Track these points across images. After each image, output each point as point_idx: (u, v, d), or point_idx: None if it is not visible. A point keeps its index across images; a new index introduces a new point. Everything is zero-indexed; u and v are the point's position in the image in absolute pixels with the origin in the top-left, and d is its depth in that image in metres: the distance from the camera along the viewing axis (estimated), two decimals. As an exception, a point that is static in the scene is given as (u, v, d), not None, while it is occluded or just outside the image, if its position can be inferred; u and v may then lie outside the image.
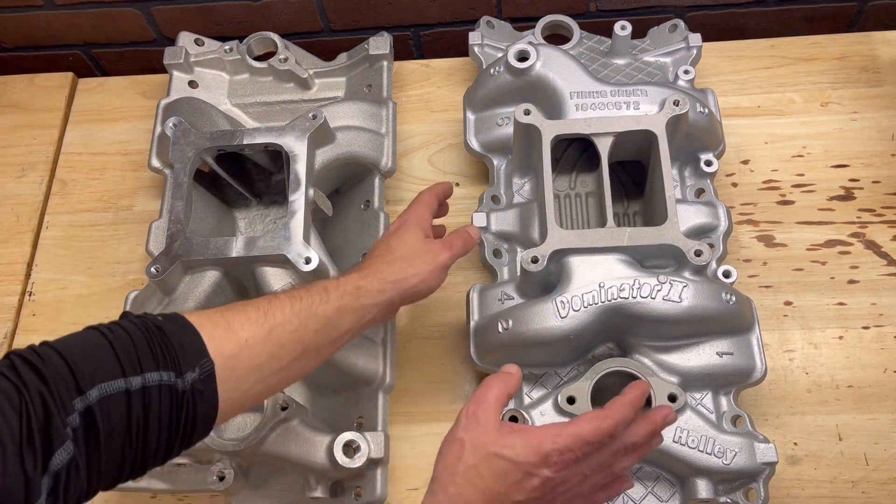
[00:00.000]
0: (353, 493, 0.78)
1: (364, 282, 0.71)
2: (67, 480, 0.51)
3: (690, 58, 0.97)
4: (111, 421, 0.53)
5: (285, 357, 0.65)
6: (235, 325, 0.62)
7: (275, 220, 0.94)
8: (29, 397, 0.50)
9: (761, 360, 0.79)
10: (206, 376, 0.58)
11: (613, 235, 0.79)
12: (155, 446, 0.57)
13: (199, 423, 0.59)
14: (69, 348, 0.54)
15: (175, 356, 0.57)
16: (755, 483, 0.75)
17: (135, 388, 0.54)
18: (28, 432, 0.48)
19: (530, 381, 0.81)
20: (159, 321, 0.59)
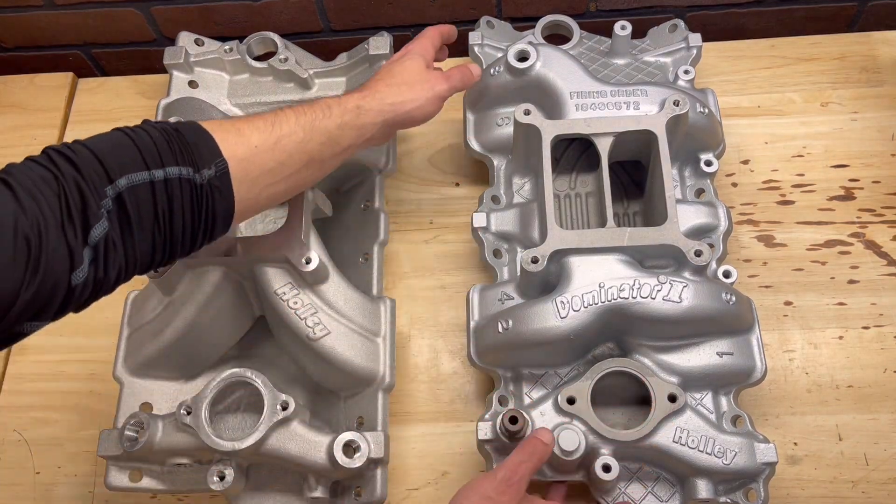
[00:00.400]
0: (353, 493, 0.78)
1: (364, 101, 0.76)
2: (106, 253, 0.58)
3: (690, 58, 0.97)
4: (139, 207, 0.60)
5: (292, 165, 0.70)
6: (246, 132, 0.68)
7: (275, 220, 0.93)
8: (65, 182, 0.56)
9: (761, 360, 0.79)
10: (222, 174, 0.64)
11: (613, 235, 0.79)
12: (181, 235, 0.64)
13: (218, 217, 0.66)
14: (97, 144, 0.61)
15: (192, 154, 0.63)
16: (755, 483, 0.75)
17: (158, 180, 0.61)
18: (67, 210, 0.56)
19: (530, 381, 0.81)
20: (176, 125, 0.65)
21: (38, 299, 0.55)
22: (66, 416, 0.91)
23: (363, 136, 0.76)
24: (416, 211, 1.00)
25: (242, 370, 0.76)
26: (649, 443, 0.74)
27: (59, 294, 0.56)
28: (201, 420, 0.73)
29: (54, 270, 0.55)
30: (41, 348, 0.95)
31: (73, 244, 0.56)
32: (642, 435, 0.73)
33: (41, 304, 0.55)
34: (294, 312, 0.79)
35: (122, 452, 0.76)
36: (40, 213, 0.54)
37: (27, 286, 0.53)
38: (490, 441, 0.76)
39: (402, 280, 0.96)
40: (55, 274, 0.55)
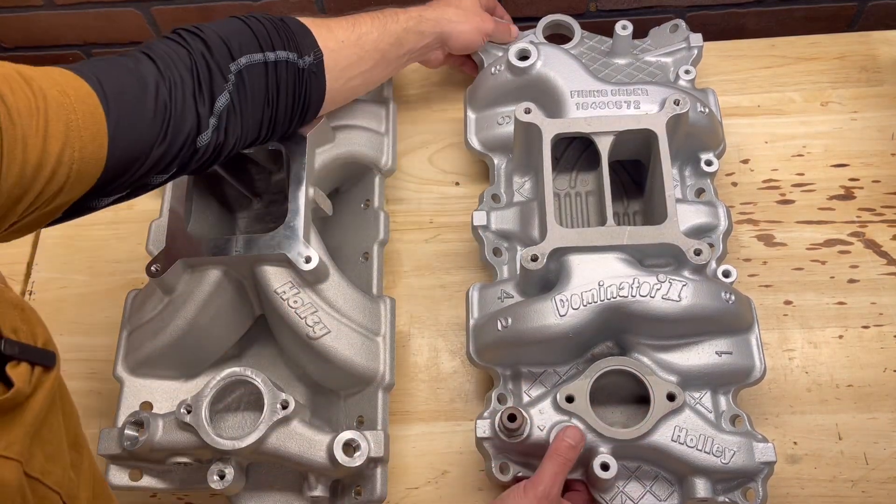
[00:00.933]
0: (353, 492, 0.78)
1: (425, 13, 0.89)
2: (228, 121, 0.69)
3: (691, 58, 0.97)
4: (254, 84, 0.71)
5: (368, 61, 0.82)
6: (334, 28, 0.79)
7: (275, 219, 0.94)
8: (196, 58, 0.67)
9: (760, 359, 0.79)
10: (318, 62, 0.76)
11: (613, 234, 0.79)
12: (283, 112, 0.75)
13: (313, 101, 0.78)
14: (222, 27, 0.71)
15: (296, 42, 0.75)
16: (753, 483, 0.75)
17: (270, 61, 0.72)
18: (198, 82, 0.66)
19: (529, 379, 0.81)
20: (280, 17, 0.76)
21: (166, 156, 0.64)
22: (66, 416, 0.91)
23: (421, 42, 0.88)
24: (416, 211, 1.00)
25: (242, 369, 0.76)
26: (647, 441, 0.74)
27: (185, 152, 0.66)
28: (201, 419, 0.73)
29: (184, 132, 0.65)
30: (41, 348, 0.95)
31: (201, 112, 0.66)
32: (641, 433, 0.73)
33: (169, 160, 0.65)
34: (294, 311, 0.79)
35: (122, 451, 0.76)
36: (176, 82, 0.64)
37: (160, 143, 0.63)
38: (488, 439, 0.76)
39: (402, 279, 0.96)
40: (184, 135, 0.65)
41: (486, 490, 0.84)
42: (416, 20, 0.87)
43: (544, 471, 0.71)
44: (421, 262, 0.97)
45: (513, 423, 0.73)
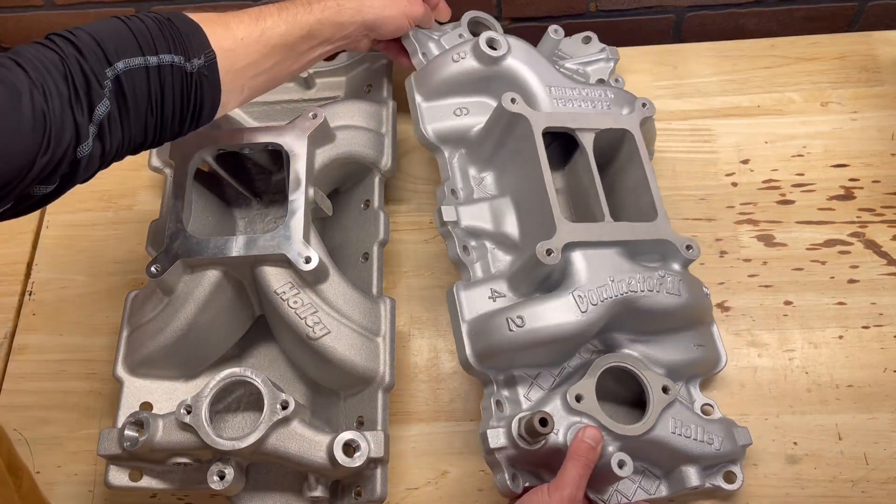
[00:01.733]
0: (352, 492, 0.78)
1: (346, 1, 0.82)
2: (109, 129, 0.65)
3: (609, 69, 0.98)
4: (135, 89, 0.66)
5: (274, 57, 0.76)
6: (232, 25, 0.73)
7: (275, 219, 0.94)
8: (70, 64, 0.62)
9: (723, 349, 0.85)
10: (210, 64, 0.70)
11: (618, 230, 0.79)
12: (171, 119, 0.70)
13: (206, 105, 0.72)
14: (96, 29, 0.66)
15: (184, 43, 0.69)
16: (734, 465, 0.78)
17: (152, 65, 0.66)
18: (74, 89, 0.62)
19: (524, 382, 0.79)
20: (169, 15, 0.70)
21: (49, 165, 0.60)
22: (66, 416, 0.91)
23: (341, 33, 0.82)
24: (416, 211, 1.00)
25: (242, 369, 0.76)
26: (652, 436, 0.74)
27: (65, 163, 0.62)
28: (201, 419, 0.73)
29: (64, 142, 0.61)
30: (41, 348, 0.95)
31: (80, 121, 0.62)
32: (647, 428, 0.73)
33: (51, 170, 0.61)
34: (294, 312, 0.79)
35: (121, 451, 0.76)
36: (51, 91, 0.60)
37: (43, 152, 0.59)
38: (502, 449, 0.72)
39: (402, 280, 0.96)
40: (64, 145, 0.61)
41: (486, 490, 0.84)
42: (333, 10, 0.81)
43: (567, 473, 0.69)
44: (421, 263, 0.97)
45: (545, 428, 0.69)
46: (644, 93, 0.94)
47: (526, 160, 0.82)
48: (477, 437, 0.85)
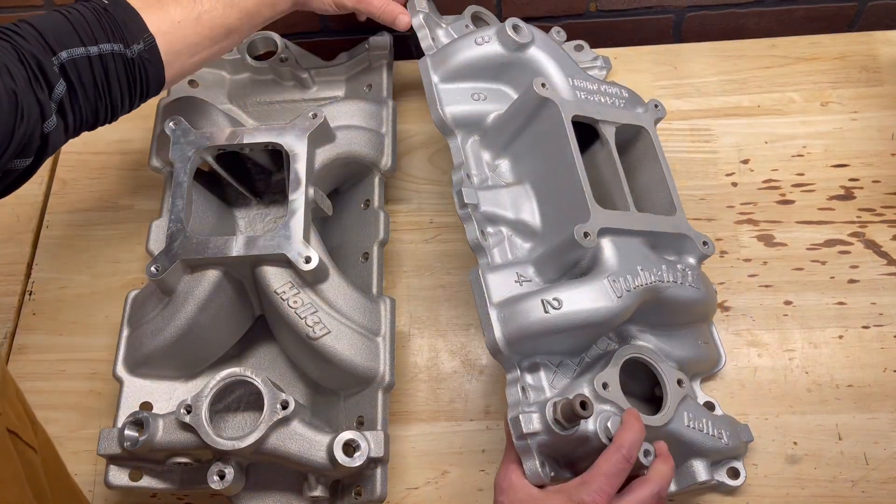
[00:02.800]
0: (353, 492, 0.78)
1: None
2: (70, 108, 0.70)
3: (602, 77, 0.99)
4: (81, 78, 0.70)
5: (214, 38, 0.81)
6: (169, 9, 0.77)
7: (275, 219, 0.94)
8: (23, 51, 0.66)
9: (722, 348, 0.87)
10: (150, 47, 0.75)
11: (643, 220, 0.79)
12: (119, 100, 0.75)
13: (151, 85, 0.78)
14: (39, 22, 0.70)
15: (122, 31, 0.73)
16: (738, 462, 0.80)
17: (94, 55, 0.71)
18: (32, 72, 0.66)
19: (549, 370, 0.76)
20: (105, 4, 0.74)
21: (24, 137, 0.65)
22: (66, 416, 0.91)
23: (276, 9, 0.88)
24: (416, 211, 1.00)
25: (242, 369, 0.76)
26: (670, 428, 0.73)
27: (36, 137, 0.67)
28: (201, 419, 0.73)
29: (31, 117, 0.65)
30: (41, 347, 0.95)
31: (41, 98, 0.66)
32: (667, 420, 0.73)
33: (26, 142, 0.66)
34: (294, 312, 0.79)
35: (121, 451, 0.76)
36: (14, 72, 0.65)
37: (19, 123, 0.64)
38: (535, 434, 0.70)
39: (402, 280, 0.96)
40: (32, 120, 0.66)
41: (486, 490, 0.84)
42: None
43: (604, 464, 0.67)
44: (421, 262, 0.97)
45: (586, 411, 0.67)
46: (644, 93, 0.94)
47: (553, 146, 0.80)
48: (476, 437, 0.86)
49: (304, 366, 0.86)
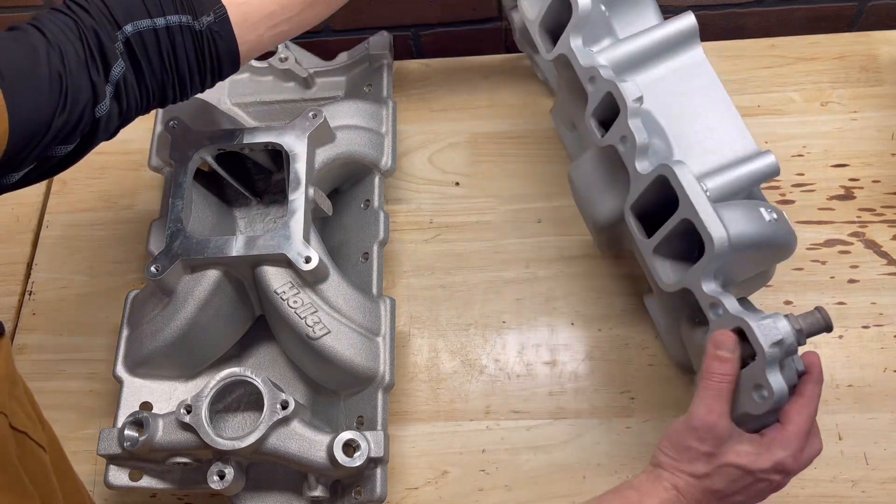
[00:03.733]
0: (352, 492, 0.78)
1: None
2: (126, 90, 0.67)
3: None
4: (147, 51, 0.68)
5: (293, 8, 0.75)
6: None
7: (275, 219, 0.94)
8: (84, 28, 0.65)
9: None
10: (221, 19, 0.71)
11: None
12: (188, 76, 0.71)
13: (224, 60, 0.73)
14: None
15: (191, 2, 0.69)
16: None
17: (160, 27, 0.68)
18: (90, 51, 0.64)
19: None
20: None
21: (67, 125, 0.63)
22: (66, 416, 0.91)
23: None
24: (416, 211, 1.00)
25: (242, 369, 0.76)
26: None
27: (84, 122, 0.64)
28: (201, 419, 0.73)
29: (81, 101, 0.63)
30: (41, 347, 0.95)
31: (96, 80, 0.64)
32: None
33: (70, 129, 0.63)
34: (294, 312, 0.79)
35: (121, 451, 0.76)
36: (68, 52, 0.63)
37: (60, 112, 0.62)
38: (781, 342, 0.61)
39: (402, 280, 0.96)
40: (82, 104, 0.63)
41: (486, 490, 0.84)
42: None
43: (698, 397, 0.62)
44: (421, 263, 0.97)
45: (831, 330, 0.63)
46: (644, 93, 0.94)
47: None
48: (476, 437, 0.86)
49: (304, 366, 0.86)
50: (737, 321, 0.63)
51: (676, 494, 0.62)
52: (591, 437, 0.85)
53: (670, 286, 0.70)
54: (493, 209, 0.99)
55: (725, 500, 0.63)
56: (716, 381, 0.62)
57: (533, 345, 0.91)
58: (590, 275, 0.94)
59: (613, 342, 0.90)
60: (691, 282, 0.67)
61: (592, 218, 0.80)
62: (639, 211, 0.73)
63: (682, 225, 0.67)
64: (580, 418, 0.86)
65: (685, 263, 0.70)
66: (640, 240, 0.71)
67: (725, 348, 0.62)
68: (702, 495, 0.62)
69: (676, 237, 0.69)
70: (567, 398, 0.87)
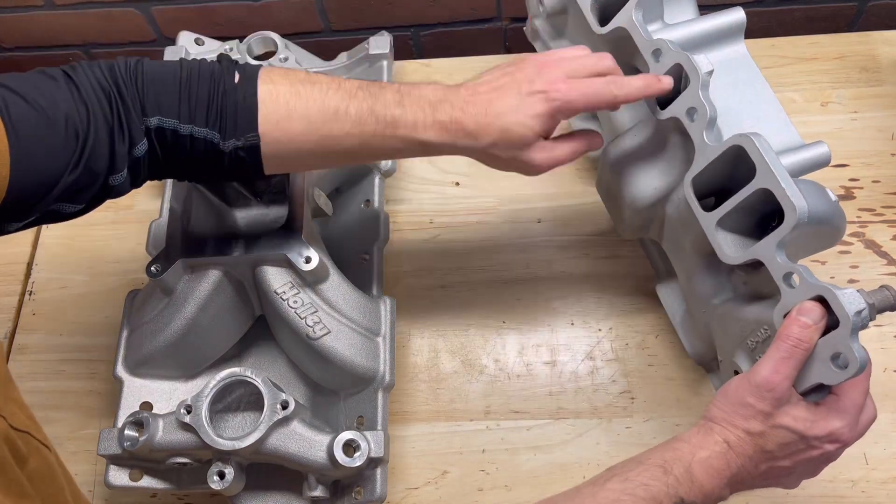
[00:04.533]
0: (353, 492, 0.78)
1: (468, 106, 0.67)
2: (144, 166, 0.65)
3: None
4: (165, 146, 0.65)
5: (325, 159, 0.70)
6: (294, 118, 0.66)
7: (275, 219, 0.93)
8: (116, 97, 0.62)
9: None
10: (250, 147, 0.66)
11: None
12: (206, 177, 0.72)
13: (248, 172, 0.68)
14: (152, 74, 0.64)
15: (225, 123, 0.65)
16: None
17: (184, 133, 0.64)
18: (118, 120, 0.62)
19: None
20: (234, 84, 0.65)
21: (76, 185, 0.60)
22: (66, 416, 0.91)
23: (446, 151, 0.70)
24: (416, 211, 1.00)
25: (242, 369, 0.76)
26: None
27: (97, 187, 0.62)
28: (201, 419, 0.73)
29: (97, 167, 0.61)
30: (41, 347, 0.95)
31: (118, 150, 0.62)
32: None
33: (78, 190, 0.61)
34: (294, 312, 0.79)
35: (121, 451, 0.76)
36: (95, 113, 0.60)
37: (71, 171, 0.59)
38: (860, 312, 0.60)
39: (402, 280, 0.96)
40: (97, 169, 0.61)
41: (486, 490, 0.84)
42: (443, 130, 0.67)
43: (767, 357, 0.61)
44: (421, 263, 0.97)
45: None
46: (644, 93, 0.94)
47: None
48: (476, 437, 0.86)
49: (304, 366, 0.86)
50: (818, 290, 0.61)
51: (727, 448, 0.62)
52: (591, 437, 0.85)
53: (735, 259, 0.69)
54: (493, 209, 0.99)
55: (775, 462, 0.63)
56: (790, 344, 0.61)
57: (533, 345, 0.91)
58: (590, 275, 0.94)
59: (613, 342, 0.90)
60: (764, 252, 0.66)
61: (632, 197, 0.79)
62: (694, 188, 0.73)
63: (749, 199, 0.67)
64: (580, 418, 0.86)
65: (746, 239, 0.70)
66: (700, 214, 0.71)
67: (810, 316, 0.61)
68: (753, 452, 0.62)
69: (738, 212, 0.69)
70: (567, 398, 0.88)
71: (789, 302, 0.63)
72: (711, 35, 0.81)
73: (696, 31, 0.80)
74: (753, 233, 0.70)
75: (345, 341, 0.80)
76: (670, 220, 0.79)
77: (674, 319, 0.88)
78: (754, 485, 0.64)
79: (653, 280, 0.91)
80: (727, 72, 0.80)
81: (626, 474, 0.61)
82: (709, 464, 0.61)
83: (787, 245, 0.65)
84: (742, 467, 0.62)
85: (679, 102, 0.72)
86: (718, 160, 0.69)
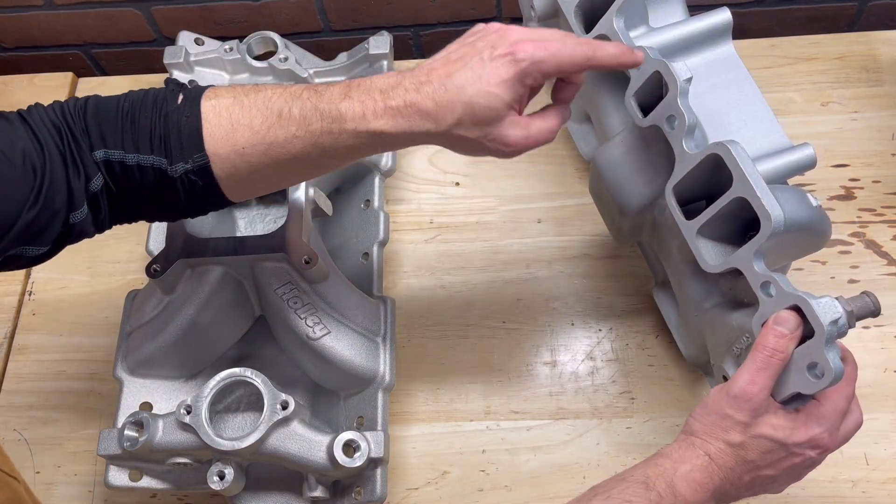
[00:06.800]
0: (353, 492, 0.78)
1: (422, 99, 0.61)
2: (102, 202, 0.63)
3: None
4: (115, 180, 0.62)
5: (282, 171, 0.64)
6: (238, 129, 0.61)
7: (275, 219, 0.93)
8: (68, 133, 0.61)
9: None
10: (200, 168, 0.62)
11: None
12: (165, 210, 0.66)
13: (208, 199, 0.64)
14: (98, 108, 0.63)
15: (170, 146, 0.62)
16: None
17: (131, 164, 0.62)
18: (71, 157, 0.60)
19: None
20: (176, 106, 0.62)
21: (36, 224, 0.58)
22: (66, 416, 0.91)
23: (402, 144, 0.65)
24: (416, 211, 1.00)
25: (242, 370, 0.76)
26: None
27: (56, 225, 0.60)
28: (201, 419, 0.73)
29: (54, 204, 0.58)
30: (41, 348, 0.95)
31: (74, 186, 0.60)
32: None
33: (38, 229, 0.59)
34: (294, 312, 0.79)
35: (121, 451, 0.76)
36: (48, 150, 0.59)
37: (30, 207, 0.57)
38: (836, 322, 0.59)
39: (402, 279, 0.96)
40: (55, 207, 0.59)
41: (486, 490, 0.84)
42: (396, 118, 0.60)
43: (743, 367, 0.62)
44: (421, 263, 0.97)
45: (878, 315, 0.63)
46: (644, 93, 0.94)
47: None
48: (476, 438, 0.86)
49: (304, 366, 0.86)
50: (793, 299, 0.62)
51: (709, 461, 0.62)
52: (591, 437, 0.85)
53: (715, 267, 0.69)
54: (493, 209, 0.99)
55: (758, 472, 0.63)
56: (766, 354, 0.60)
57: (533, 345, 0.91)
58: (590, 275, 0.94)
59: (613, 342, 0.90)
60: (741, 261, 0.66)
61: (620, 203, 0.79)
62: (678, 194, 0.73)
63: (728, 207, 0.67)
64: (580, 418, 0.86)
65: (728, 246, 0.70)
66: (682, 221, 0.71)
67: (786, 326, 0.60)
68: (735, 463, 0.62)
69: (718, 220, 0.69)
70: (567, 398, 0.87)
71: (767, 311, 0.63)
72: (697, 37, 0.80)
73: (681, 35, 0.79)
74: (735, 240, 0.69)
75: (345, 341, 0.80)
76: (659, 226, 0.79)
77: (670, 322, 0.88)
78: (740, 495, 0.64)
79: (653, 280, 0.91)
80: (715, 73, 0.80)
81: (608, 492, 0.60)
82: (691, 478, 0.61)
83: (766, 254, 0.65)
84: (725, 479, 0.62)
85: (659, 110, 0.71)
86: (698, 168, 0.69)
